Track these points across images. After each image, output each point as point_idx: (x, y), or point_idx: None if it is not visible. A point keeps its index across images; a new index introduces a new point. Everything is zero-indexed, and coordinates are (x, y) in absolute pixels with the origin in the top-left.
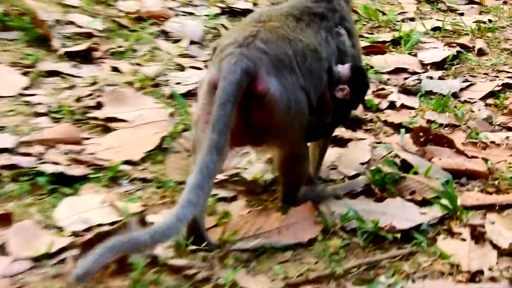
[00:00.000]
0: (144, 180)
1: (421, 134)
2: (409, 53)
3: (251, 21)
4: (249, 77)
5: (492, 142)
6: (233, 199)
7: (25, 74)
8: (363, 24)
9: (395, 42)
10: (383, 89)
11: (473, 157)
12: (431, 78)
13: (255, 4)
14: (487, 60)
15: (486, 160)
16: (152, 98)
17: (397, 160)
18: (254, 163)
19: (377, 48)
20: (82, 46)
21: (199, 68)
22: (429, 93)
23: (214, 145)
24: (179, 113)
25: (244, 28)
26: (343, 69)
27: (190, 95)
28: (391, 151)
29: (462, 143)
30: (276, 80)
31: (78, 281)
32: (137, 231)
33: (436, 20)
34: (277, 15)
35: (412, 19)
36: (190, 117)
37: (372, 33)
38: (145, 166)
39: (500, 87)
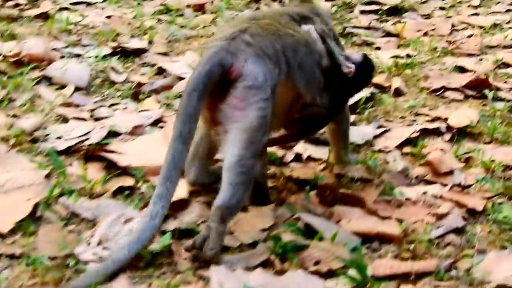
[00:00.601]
0: (12, 256)
1: (327, 192)
2: None
3: (245, 19)
4: (223, 67)
5: (408, 199)
6: (112, 277)
7: None
8: None
9: None
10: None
11: (386, 217)
12: None
13: (150, 42)
14: (404, 101)
15: (400, 221)
16: (27, 156)
17: (301, 224)
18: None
19: None
20: None
21: (83, 119)
22: None
23: (179, 134)
24: (55, 175)
25: (236, 24)
26: (356, 54)
27: (72, 151)
28: (294, 214)
29: (375, 201)
30: (253, 64)
31: None
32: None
33: None
34: (271, 14)
35: None
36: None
37: None
38: (14, 239)
39: (418, 133)
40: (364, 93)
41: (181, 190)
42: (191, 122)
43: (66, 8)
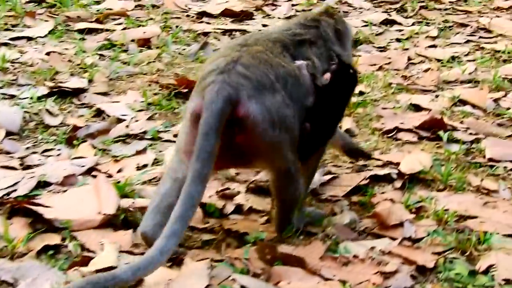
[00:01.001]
0: None
1: (267, 251)
2: None
3: (235, 45)
4: (231, 104)
5: (355, 257)
6: None
7: None
8: None
9: None
10: (228, 188)
11: (328, 279)
12: None
13: (90, 81)
14: None
15: (344, 282)
16: None
17: (237, 286)
18: None
19: None
20: None
21: (12, 168)
22: None
23: (198, 175)
24: None
25: (226, 53)
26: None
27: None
28: (230, 275)
29: (320, 258)
30: (257, 103)
31: None
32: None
33: None
34: (264, 39)
35: None
36: None
37: None
38: None
39: (368, 180)
40: None
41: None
42: (210, 162)
43: (5, 44)
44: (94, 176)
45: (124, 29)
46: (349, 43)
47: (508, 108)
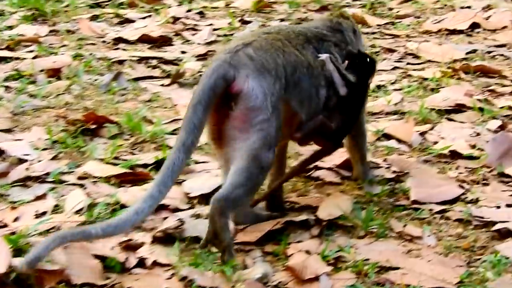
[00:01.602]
0: None
1: None
2: None
3: (258, 32)
4: (226, 81)
5: None
6: None
7: None
8: (125, 140)
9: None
10: (131, 239)
11: None
12: (198, 217)
13: None
14: None
15: None
16: None
17: None
18: None
19: (135, 176)
20: None
21: None
22: (196, 239)
23: (181, 144)
24: None
25: (244, 37)
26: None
27: None
28: None
29: None
30: (254, 81)
31: (29, 267)
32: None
33: None
34: (288, 31)
35: None
36: None
37: (133, 153)
38: None
39: (283, 225)
40: None
41: None
42: (195, 133)
43: None
44: None
45: (35, 57)
46: (362, 44)
47: (435, 143)
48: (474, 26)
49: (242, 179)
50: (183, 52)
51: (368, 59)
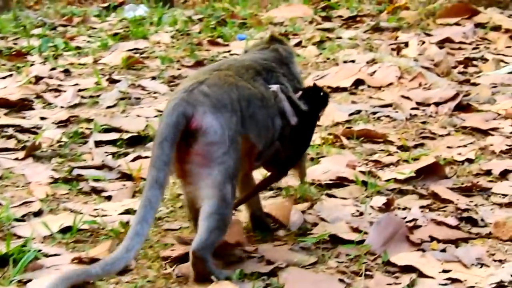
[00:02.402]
0: None
1: None
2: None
3: (209, 70)
4: (186, 118)
5: None
6: None
7: None
8: None
9: (3, 263)
10: None
11: None
12: None
13: None
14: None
15: None
16: None
17: None
18: None
19: None
20: None
21: None
22: None
23: (154, 180)
24: None
25: (197, 76)
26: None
27: None
28: None
29: None
30: (212, 116)
31: None
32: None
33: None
34: (238, 65)
35: (38, 213)
36: None
37: None
38: None
39: None
40: None
41: None
42: (166, 169)
43: None
44: None
45: None
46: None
47: (315, 224)
48: (358, 82)
49: (215, 222)
50: (42, 119)
51: (321, 93)
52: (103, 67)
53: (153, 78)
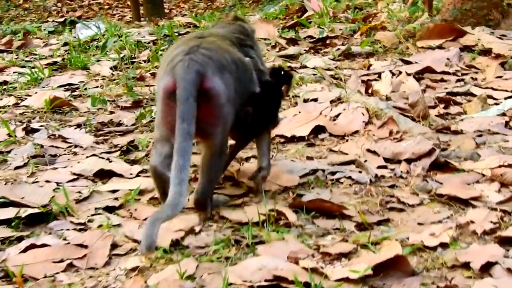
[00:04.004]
0: None
1: None
2: None
3: (192, 38)
4: (200, 76)
5: None
6: None
7: None
8: None
9: None
10: None
11: None
12: None
13: None
14: None
15: None
16: None
17: None
18: None
19: None
20: None
21: None
22: None
23: (186, 132)
24: None
25: (187, 42)
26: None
27: None
28: None
29: None
30: (219, 79)
31: (149, 251)
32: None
33: None
34: (215, 34)
35: None
36: None
37: None
38: None
39: None
40: None
41: None
42: (193, 122)
43: None
44: None
45: None
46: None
47: None
48: (318, 130)
49: (213, 173)
50: None
51: (285, 72)
52: (25, 110)
53: (79, 126)
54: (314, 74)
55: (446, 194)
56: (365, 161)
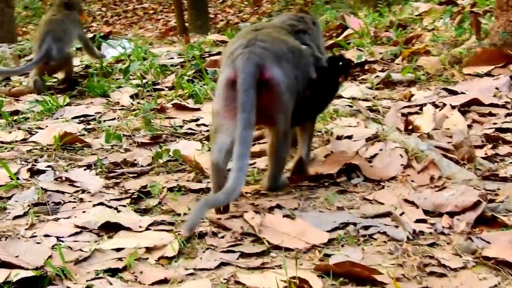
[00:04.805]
0: None
1: None
2: None
3: (248, 31)
4: (259, 68)
5: None
6: None
7: None
8: None
9: None
10: None
11: None
12: None
13: None
14: None
15: None
16: None
17: None
18: None
19: None
20: None
21: None
22: None
23: (247, 122)
24: None
25: (244, 36)
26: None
27: None
28: None
29: None
30: (278, 69)
31: (190, 232)
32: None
33: None
34: (270, 26)
35: None
36: None
37: None
38: None
39: None
40: None
41: None
42: (253, 112)
43: None
44: None
45: None
46: (321, 33)
47: None
48: (351, 170)
49: (281, 158)
50: None
51: (343, 62)
52: (33, 146)
53: (89, 166)
54: (349, 106)
55: (493, 257)
56: (403, 213)
